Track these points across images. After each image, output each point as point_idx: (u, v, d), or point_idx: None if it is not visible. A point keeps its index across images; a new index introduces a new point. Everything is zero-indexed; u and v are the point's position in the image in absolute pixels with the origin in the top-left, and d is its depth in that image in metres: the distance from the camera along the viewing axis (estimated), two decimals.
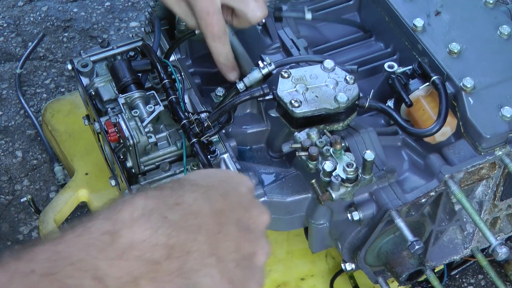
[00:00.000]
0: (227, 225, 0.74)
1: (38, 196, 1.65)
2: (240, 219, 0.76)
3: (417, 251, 1.11)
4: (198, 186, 0.76)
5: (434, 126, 1.13)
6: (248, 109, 1.29)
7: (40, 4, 2.03)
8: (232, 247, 0.74)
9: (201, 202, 0.73)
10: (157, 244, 0.67)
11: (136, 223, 0.68)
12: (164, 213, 0.69)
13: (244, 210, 0.78)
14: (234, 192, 0.79)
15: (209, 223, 0.73)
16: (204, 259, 0.70)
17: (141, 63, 1.27)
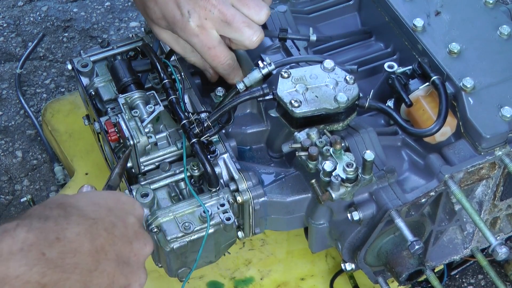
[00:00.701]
0: (104, 262, 0.75)
1: (38, 196, 1.65)
2: (120, 254, 0.78)
3: (417, 251, 1.11)
4: (85, 218, 0.76)
5: (434, 126, 1.13)
6: (248, 109, 1.29)
7: (40, 4, 2.03)
8: (105, 283, 0.75)
9: (83, 238, 0.74)
10: (29, 281, 0.67)
11: (12, 258, 0.68)
12: (42, 249, 0.70)
13: (127, 243, 0.79)
14: (121, 223, 0.80)
15: (87, 261, 0.73)
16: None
17: (141, 63, 1.27)
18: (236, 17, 1.15)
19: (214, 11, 1.14)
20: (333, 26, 1.42)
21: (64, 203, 0.78)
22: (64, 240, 0.72)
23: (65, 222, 0.74)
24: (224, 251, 1.20)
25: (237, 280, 1.37)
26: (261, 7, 1.17)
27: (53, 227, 0.73)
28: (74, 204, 0.79)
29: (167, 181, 1.18)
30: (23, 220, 0.72)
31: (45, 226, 0.72)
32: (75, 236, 0.74)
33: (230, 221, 1.12)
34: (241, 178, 1.17)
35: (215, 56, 1.18)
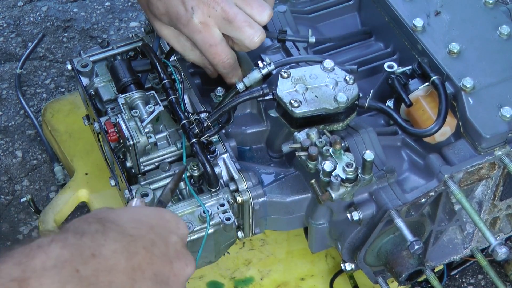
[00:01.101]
0: (141, 281, 0.74)
1: (38, 196, 1.65)
2: (158, 273, 0.76)
3: (417, 251, 1.11)
4: (123, 235, 0.74)
5: (434, 126, 1.13)
6: (248, 109, 1.29)
7: (40, 4, 2.03)
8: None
9: (119, 255, 0.72)
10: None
11: (46, 274, 0.66)
12: (77, 266, 0.68)
13: (167, 262, 0.77)
14: (162, 242, 0.78)
15: (122, 279, 0.71)
16: None
17: (141, 63, 1.27)
18: (238, 16, 1.15)
19: (217, 9, 1.14)
20: (333, 26, 1.43)
21: (104, 218, 0.76)
22: (99, 257, 0.70)
23: (102, 238, 0.72)
24: (224, 251, 1.20)
25: (237, 280, 1.37)
26: (264, 7, 1.17)
27: (89, 243, 0.71)
28: (114, 219, 0.76)
29: (167, 181, 1.18)
30: (58, 235, 0.70)
31: (80, 242, 0.70)
32: (111, 253, 0.72)
33: (230, 221, 1.12)
34: (241, 178, 1.17)
35: (216, 54, 1.18)
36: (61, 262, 0.68)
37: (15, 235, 1.59)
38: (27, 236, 1.59)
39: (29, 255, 0.67)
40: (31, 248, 0.68)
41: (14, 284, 0.65)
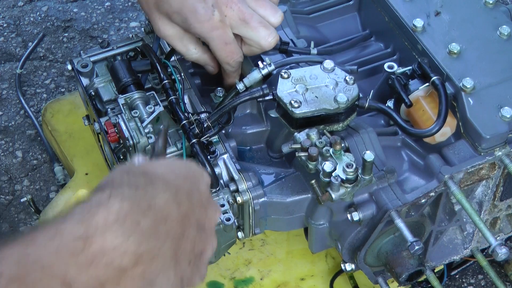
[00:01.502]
0: (188, 228, 0.76)
1: (38, 196, 1.65)
2: (198, 220, 0.79)
3: (417, 252, 1.12)
4: (168, 186, 0.76)
5: (434, 127, 1.13)
6: (248, 110, 1.29)
7: (40, 4, 2.03)
8: (189, 248, 0.76)
9: (171, 205, 0.74)
10: (127, 252, 0.68)
11: (109, 229, 0.68)
12: (137, 219, 0.70)
13: (203, 209, 0.80)
14: (196, 191, 0.81)
15: (175, 228, 0.74)
16: (165, 264, 0.72)
17: (141, 63, 1.27)
18: (253, 17, 1.17)
19: (235, 9, 1.16)
20: (333, 26, 1.42)
21: (147, 171, 0.78)
22: (155, 208, 0.72)
23: (153, 190, 0.73)
24: (224, 251, 1.20)
25: (237, 280, 1.37)
26: (276, 10, 1.20)
27: (144, 196, 0.72)
28: (156, 172, 0.78)
29: None
30: (115, 190, 0.71)
31: (136, 194, 0.71)
32: (164, 203, 0.73)
33: (230, 221, 1.12)
34: (241, 178, 1.17)
35: (230, 52, 1.19)
36: (122, 216, 0.69)
37: None
38: None
39: (90, 212, 0.68)
40: (91, 206, 0.69)
41: (79, 243, 0.66)
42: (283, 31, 1.34)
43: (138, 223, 0.69)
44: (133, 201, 0.70)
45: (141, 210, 0.70)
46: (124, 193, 0.71)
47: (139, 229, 0.69)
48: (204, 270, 0.83)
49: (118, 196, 0.70)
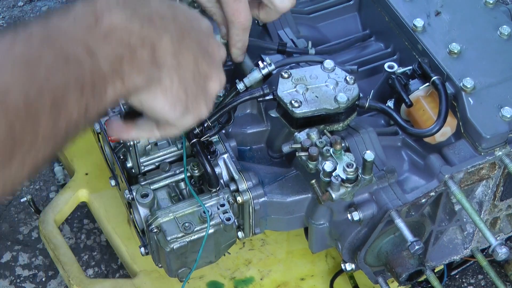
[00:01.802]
0: (188, 39, 0.80)
1: (38, 196, 1.65)
2: (199, 41, 0.82)
3: (417, 251, 1.12)
4: (164, 1, 0.80)
5: (434, 126, 1.13)
6: (248, 109, 1.29)
7: (40, 4, 2.03)
8: (191, 60, 0.80)
9: (167, 10, 0.78)
10: (133, 31, 0.72)
11: (113, 10, 0.72)
12: (135, 7, 0.74)
13: (204, 36, 0.83)
14: (196, 21, 0.84)
15: (174, 29, 0.78)
16: (168, 59, 0.76)
17: None
18: None
19: None
20: (333, 26, 1.42)
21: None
22: (150, 5, 0.76)
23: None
24: (224, 251, 1.20)
25: (237, 280, 1.37)
26: None
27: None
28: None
29: (167, 181, 1.18)
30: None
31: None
32: (160, 5, 0.78)
33: (230, 221, 1.12)
34: (241, 178, 1.17)
35: (236, 10, 1.12)
36: (122, 2, 0.73)
37: (15, 235, 1.59)
38: (27, 236, 1.59)
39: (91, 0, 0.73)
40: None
41: (91, 17, 0.70)
42: (283, 31, 1.34)
43: (136, 10, 0.74)
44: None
45: (138, 3, 0.75)
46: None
47: (139, 15, 0.74)
48: (210, 101, 0.86)
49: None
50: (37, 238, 1.58)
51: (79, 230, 1.59)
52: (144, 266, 1.37)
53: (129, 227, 1.42)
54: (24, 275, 1.54)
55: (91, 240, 1.58)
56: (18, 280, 1.53)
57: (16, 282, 1.53)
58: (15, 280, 1.53)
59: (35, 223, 1.60)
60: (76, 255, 1.42)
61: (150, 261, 1.24)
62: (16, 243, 1.58)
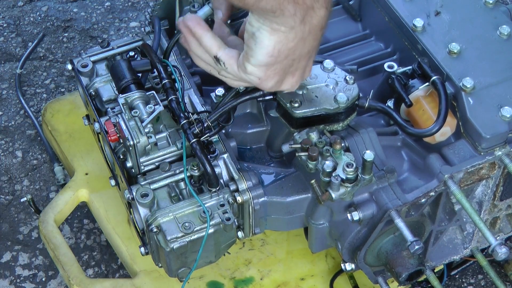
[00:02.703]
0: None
1: (38, 196, 1.65)
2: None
3: (417, 251, 1.12)
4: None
5: (434, 126, 1.13)
6: (248, 109, 1.29)
7: (40, 4, 2.03)
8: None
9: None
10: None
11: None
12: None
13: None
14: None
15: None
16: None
17: (141, 63, 1.27)
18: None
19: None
20: (333, 26, 1.42)
21: None
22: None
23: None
24: (224, 251, 1.20)
25: (237, 280, 1.37)
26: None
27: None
28: None
29: (167, 181, 1.18)
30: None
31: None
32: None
33: (230, 221, 1.12)
34: (241, 178, 1.17)
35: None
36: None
37: (15, 235, 1.59)
38: (27, 236, 1.59)
39: None
40: None
41: None
42: None
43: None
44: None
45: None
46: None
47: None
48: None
49: None
50: (37, 238, 1.58)
51: (79, 230, 1.59)
52: (144, 266, 1.37)
53: (129, 227, 1.42)
54: (24, 275, 1.54)
55: (91, 240, 1.58)
56: (18, 280, 1.53)
57: (16, 282, 1.53)
58: (15, 280, 1.53)
59: (35, 223, 1.60)
60: (76, 255, 1.42)
61: (150, 261, 1.24)
62: (16, 243, 1.58)
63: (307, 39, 0.96)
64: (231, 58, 1.02)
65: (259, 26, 0.94)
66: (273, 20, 0.93)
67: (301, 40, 0.96)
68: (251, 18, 0.94)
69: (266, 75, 1.00)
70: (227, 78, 1.06)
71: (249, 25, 0.95)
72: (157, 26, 1.28)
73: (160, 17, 1.33)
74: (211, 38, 1.02)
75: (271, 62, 0.97)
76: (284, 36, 0.94)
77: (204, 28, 1.03)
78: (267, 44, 0.95)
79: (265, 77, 1.00)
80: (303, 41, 0.97)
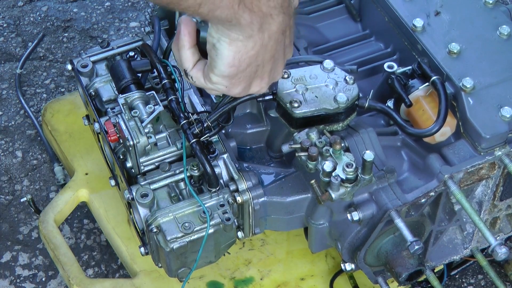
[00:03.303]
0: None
1: (38, 196, 1.65)
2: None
3: (417, 251, 1.12)
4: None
5: (434, 126, 1.13)
6: (248, 109, 1.29)
7: (40, 4, 2.03)
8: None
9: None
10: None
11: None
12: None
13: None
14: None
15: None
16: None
17: (141, 63, 1.27)
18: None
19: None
20: (333, 26, 1.42)
21: None
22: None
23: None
24: (224, 251, 1.20)
25: (237, 280, 1.37)
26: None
27: None
28: None
29: (167, 181, 1.18)
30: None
31: None
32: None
33: (229, 221, 1.12)
34: (241, 178, 1.17)
35: None
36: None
37: (15, 235, 1.59)
38: (27, 236, 1.59)
39: None
40: None
41: None
42: None
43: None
44: None
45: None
46: None
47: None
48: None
49: None
50: (37, 238, 1.58)
51: (79, 230, 1.59)
52: (144, 266, 1.37)
53: (129, 227, 1.42)
54: (24, 275, 1.54)
55: (91, 240, 1.58)
56: (18, 280, 1.53)
57: (16, 282, 1.53)
58: (15, 280, 1.53)
59: (35, 223, 1.60)
60: (76, 255, 1.42)
61: (150, 261, 1.24)
62: (16, 243, 1.58)
63: (268, 45, 0.95)
64: (198, 71, 1.02)
65: (218, 37, 0.94)
66: (231, 29, 0.92)
67: (262, 47, 0.95)
68: (211, 29, 0.94)
69: (231, 83, 0.99)
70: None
71: (209, 36, 0.95)
72: (157, 26, 1.28)
73: (160, 17, 1.33)
74: (189, 53, 1.02)
75: (233, 72, 0.97)
76: (243, 45, 0.94)
77: (190, 40, 1.01)
78: (227, 55, 0.95)
79: (231, 85, 1.00)
80: (264, 48, 0.96)
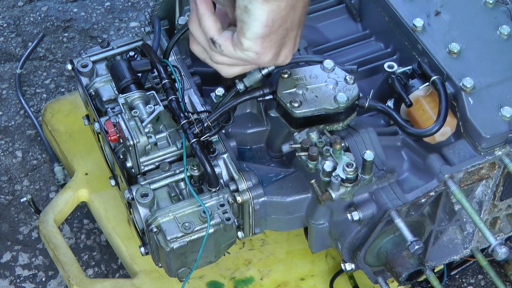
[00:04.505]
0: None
1: (38, 196, 1.65)
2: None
3: (417, 251, 1.12)
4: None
5: (434, 126, 1.13)
6: (248, 109, 1.29)
7: (40, 4, 2.03)
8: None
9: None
10: None
11: None
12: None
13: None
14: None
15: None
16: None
17: (141, 63, 1.27)
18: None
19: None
20: (333, 26, 1.42)
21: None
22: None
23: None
24: (224, 251, 1.20)
25: (237, 280, 1.37)
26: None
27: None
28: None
29: (167, 181, 1.18)
30: None
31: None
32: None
33: (230, 221, 1.12)
34: (241, 178, 1.17)
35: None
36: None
37: (15, 235, 1.59)
38: (27, 236, 1.59)
39: None
40: None
41: None
42: None
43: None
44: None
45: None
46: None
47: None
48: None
49: None
50: (37, 238, 1.58)
51: (79, 230, 1.59)
52: (144, 266, 1.37)
53: (129, 227, 1.42)
54: (24, 275, 1.54)
55: (91, 240, 1.58)
56: (18, 280, 1.53)
57: (16, 282, 1.53)
58: (15, 280, 1.53)
59: (35, 223, 1.60)
60: (76, 255, 1.42)
61: (150, 261, 1.24)
62: (16, 243, 1.58)
63: (296, 6, 0.97)
64: (226, 39, 1.01)
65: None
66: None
67: (292, 8, 0.96)
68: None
69: (263, 47, 0.99)
70: (222, 64, 1.05)
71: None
72: (157, 26, 1.28)
73: (160, 17, 1.33)
74: (211, 20, 1.01)
75: (267, 32, 0.97)
76: (276, 5, 0.95)
77: (208, 7, 1.02)
78: (260, 14, 0.95)
79: (263, 51, 0.99)
80: (294, 9, 0.97)
